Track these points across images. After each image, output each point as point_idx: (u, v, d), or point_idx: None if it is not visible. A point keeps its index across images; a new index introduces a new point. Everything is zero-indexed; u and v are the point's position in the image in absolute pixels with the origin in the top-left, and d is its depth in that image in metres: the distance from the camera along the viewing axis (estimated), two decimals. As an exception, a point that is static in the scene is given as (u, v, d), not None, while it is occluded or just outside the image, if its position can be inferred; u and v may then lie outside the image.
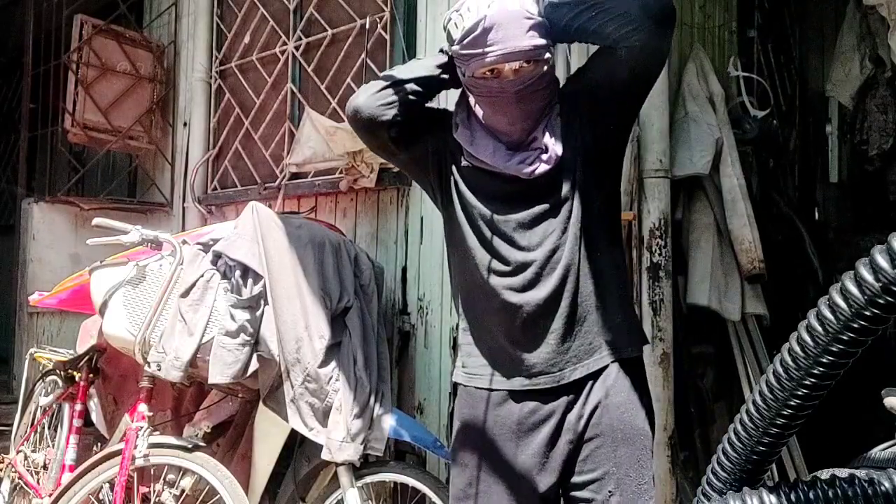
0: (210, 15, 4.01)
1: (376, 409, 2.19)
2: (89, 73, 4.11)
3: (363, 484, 2.16)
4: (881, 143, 3.45)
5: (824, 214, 3.88)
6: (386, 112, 1.47)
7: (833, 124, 3.75)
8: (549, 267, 1.43)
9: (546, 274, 1.43)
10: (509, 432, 1.46)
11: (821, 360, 0.64)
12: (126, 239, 2.29)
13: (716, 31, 3.12)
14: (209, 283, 2.26)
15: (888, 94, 3.42)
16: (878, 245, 0.59)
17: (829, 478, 0.66)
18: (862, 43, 3.35)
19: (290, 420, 2.16)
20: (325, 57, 3.34)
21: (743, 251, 2.66)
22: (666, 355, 2.40)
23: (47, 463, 2.77)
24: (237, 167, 3.81)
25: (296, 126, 3.33)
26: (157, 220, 4.21)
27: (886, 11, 2.65)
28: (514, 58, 1.36)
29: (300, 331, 2.17)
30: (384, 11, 3.03)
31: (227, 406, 2.51)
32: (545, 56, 1.40)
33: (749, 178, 2.91)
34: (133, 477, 2.20)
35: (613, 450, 1.42)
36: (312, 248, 2.31)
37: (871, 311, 0.59)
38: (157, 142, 4.32)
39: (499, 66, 1.37)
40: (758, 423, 0.70)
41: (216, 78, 3.98)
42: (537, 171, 1.41)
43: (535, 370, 1.44)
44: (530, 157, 1.41)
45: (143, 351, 2.21)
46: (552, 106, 1.46)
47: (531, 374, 1.44)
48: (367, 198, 3.03)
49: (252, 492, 2.30)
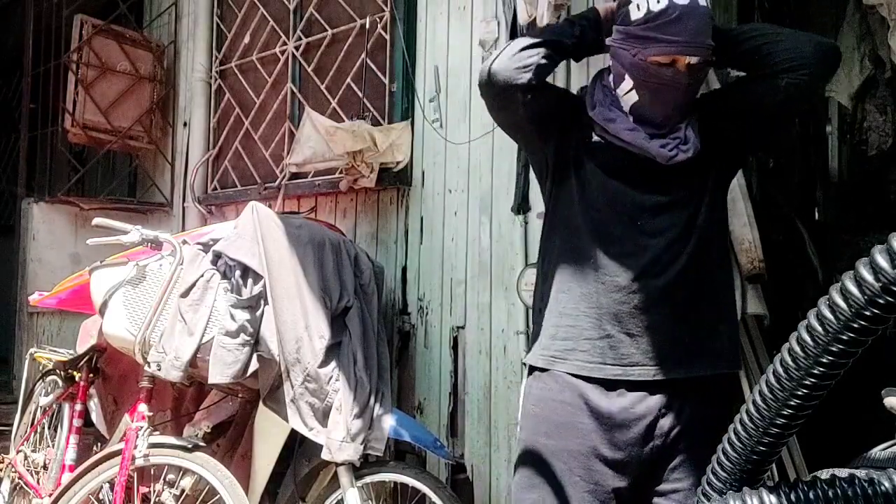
0: (210, 15, 4.01)
1: (376, 409, 2.19)
2: (89, 73, 4.11)
3: (363, 484, 2.16)
4: (881, 143, 3.45)
5: (824, 214, 3.87)
6: (522, 75, 1.46)
7: (833, 124, 3.75)
8: (667, 257, 1.42)
9: (666, 263, 1.42)
10: (596, 423, 1.42)
11: (821, 360, 0.64)
12: (126, 239, 2.29)
13: (716, 31, 3.12)
14: (209, 282, 2.26)
15: (888, 94, 3.42)
16: (878, 245, 0.59)
17: (829, 478, 0.66)
18: (862, 43, 3.34)
19: (290, 420, 2.16)
20: (325, 57, 3.34)
21: (743, 251, 2.65)
22: (666, 355, 2.39)
23: (47, 463, 2.77)
24: (237, 167, 3.81)
25: (296, 126, 3.33)
26: (157, 220, 4.21)
27: (886, 11, 2.64)
28: (699, 53, 1.39)
29: (300, 331, 2.17)
30: (384, 11, 3.03)
31: (227, 406, 2.51)
32: (713, 58, 1.45)
33: (749, 178, 2.91)
34: (133, 477, 2.20)
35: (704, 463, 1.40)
36: (312, 247, 2.32)
37: (871, 310, 0.59)
38: (157, 142, 4.32)
39: (679, 56, 1.39)
40: (758, 423, 0.70)
41: (216, 78, 3.98)
42: (676, 159, 1.43)
43: (632, 360, 1.41)
44: (670, 145, 1.43)
45: (143, 351, 2.21)
46: (694, 108, 1.51)
47: (627, 363, 1.41)
48: (367, 198, 3.04)
49: (252, 492, 2.29)
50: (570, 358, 1.45)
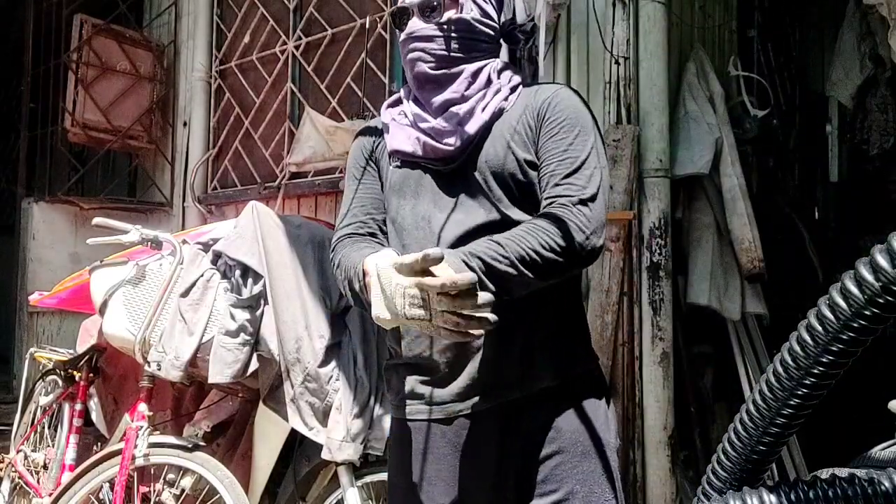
0: (210, 15, 4.01)
1: (376, 408, 2.19)
2: (89, 73, 4.11)
3: (363, 483, 2.16)
4: (881, 142, 3.46)
5: (824, 214, 3.88)
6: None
7: (833, 124, 3.75)
8: None
9: None
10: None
11: (821, 360, 0.64)
12: (126, 238, 2.29)
13: (716, 30, 3.12)
14: (209, 282, 2.26)
15: (888, 93, 3.42)
16: (878, 245, 0.59)
17: (829, 477, 0.66)
18: (862, 43, 3.35)
19: (290, 419, 2.16)
20: (324, 57, 3.34)
21: (743, 251, 2.65)
22: (666, 355, 2.40)
23: (47, 462, 2.77)
24: (237, 167, 3.81)
25: (296, 126, 3.34)
26: (157, 220, 4.21)
27: (886, 11, 2.64)
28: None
29: (300, 330, 2.17)
30: (384, 11, 3.03)
31: (227, 406, 2.51)
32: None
33: (749, 177, 2.91)
34: (133, 476, 2.20)
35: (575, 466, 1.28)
36: (312, 247, 2.32)
37: (871, 310, 0.59)
38: (157, 141, 4.32)
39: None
40: (758, 422, 0.70)
41: (216, 77, 3.98)
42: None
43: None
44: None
45: (143, 350, 2.21)
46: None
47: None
48: (367, 197, 3.03)
49: (252, 491, 2.30)
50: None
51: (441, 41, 1.31)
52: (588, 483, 1.27)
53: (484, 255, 1.11)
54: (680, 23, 2.78)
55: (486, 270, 1.10)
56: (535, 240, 1.14)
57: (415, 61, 1.32)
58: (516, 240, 1.14)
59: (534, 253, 1.13)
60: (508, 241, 1.13)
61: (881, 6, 2.65)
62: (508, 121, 1.31)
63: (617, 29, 2.49)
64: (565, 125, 1.26)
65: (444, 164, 1.31)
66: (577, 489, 1.26)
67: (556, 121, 1.27)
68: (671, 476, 2.37)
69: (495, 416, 1.28)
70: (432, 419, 1.31)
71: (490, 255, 1.11)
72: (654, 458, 2.36)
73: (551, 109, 1.28)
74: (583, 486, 1.27)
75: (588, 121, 1.28)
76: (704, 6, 3.03)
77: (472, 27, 1.33)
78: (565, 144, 1.25)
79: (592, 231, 1.18)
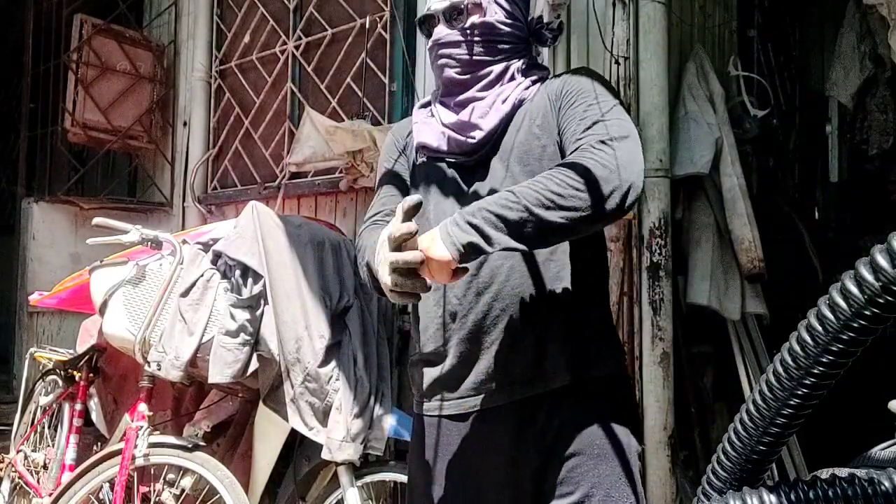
0: (210, 14, 4.01)
1: (376, 408, 2.19)
2: (89, 73, 4.11)
3: (363, 483, 2.16)
4: (881, 142, 3.45)
5: (824, 214, 3.87)
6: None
7: (833, 124, 3.75)
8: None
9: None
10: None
11: (821, 360, 0.64)
12: (126, 238, 2.29)
13: (716, 30, 3.12)
14: (209, 282, 2.26)
15: (888, 93, 3.42)
16: (878, 245, 0.59)
17: (829, 477, 0.66)
18: (862, 42, 3.34)
19: (290, 419, 2.16)
20: (324, 56, 3.34)
21: (743, 251, 2.65)
22: (666, 355, 2.40)
23: (47, 462, 2.77)
24: (237, 167, 3.81)
25: (296, 126, 3.34)
26: (157, 220, 4.21)
27: (886, 11, 2.65)
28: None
29: (300, 330, 2.17)
30: (384, 11, 3.03)
31: (227, 406, 2.51)
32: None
33: (749, 177, 2.91)
34: (133, 476, 2.20)
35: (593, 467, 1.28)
36: (312, 247, 2.32)
37: (871, 310, 0.59)
38: (157, 141, 4.32)
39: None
40: (758, 422, 0.70)
41: (216, 77, 3.98)
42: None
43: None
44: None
45: (143, 350, 2.21)
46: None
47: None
48: (367, 197, 3.03)
49: (252, 491, 2.30)
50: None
51: (466, 46, 1.35)
52: (604, 486, 1.27)
53: (491, 207, 1.10)
54: (680, 23, 2.78)
55: (493, 221, 1.09)
56: (550, 182, 1.11)
57: (443, 67, 1.37)
58: (531, 185, 1.12)
59: (551, 193, 1.09)
60: (523, 187, 1.12)
61: (881, 6, 2.65)
62: (530, 110, 1.33)
63: (617, 29, 2.48)
64: (582, 93, 1.28)
65: (468, 156, 1.35)
66: (594, 492, 1.26)
67: (572, 92, 1.29)
68: (671, 476, 2.36)
69: (510, 414, 1.30)
70: (448, 415, 1.34)
71: (500, 204, 1.10)
72: (654, 458, 2.36)
73: (567, 84, 1.31)
74: (599, 490, 1.26)
75: (604, 89, 1.29)
76: (704, 6, 3.03)
77: (496, 29, 1.36)
78: (584, 106, 1.25)
79: (618, 166, 1.11)
